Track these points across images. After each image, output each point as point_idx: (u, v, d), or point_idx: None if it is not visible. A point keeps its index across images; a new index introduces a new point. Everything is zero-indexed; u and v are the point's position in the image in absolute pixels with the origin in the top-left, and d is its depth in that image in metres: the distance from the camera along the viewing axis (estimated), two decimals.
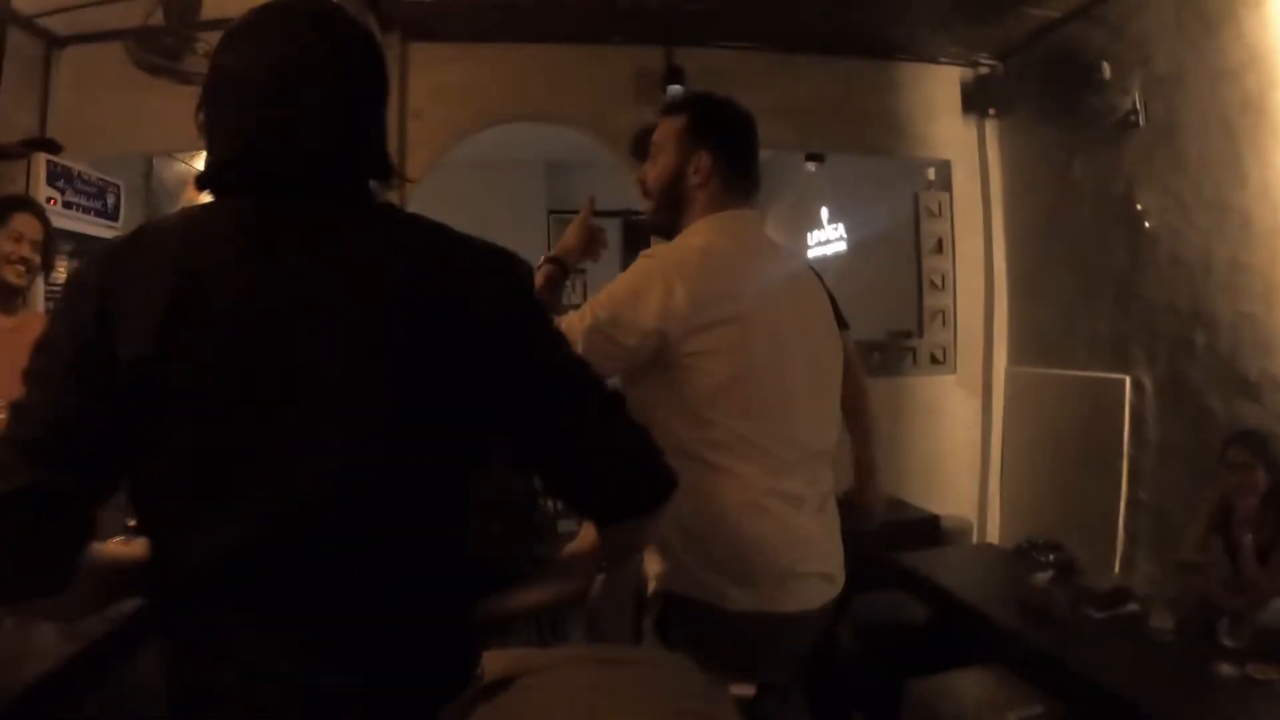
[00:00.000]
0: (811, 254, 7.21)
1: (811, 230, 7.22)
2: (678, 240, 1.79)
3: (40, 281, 2.93)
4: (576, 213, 1.92)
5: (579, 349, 1.54)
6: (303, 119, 0.99)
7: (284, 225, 0.97)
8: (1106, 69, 3.82)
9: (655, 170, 1.83)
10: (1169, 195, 3.74)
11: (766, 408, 1.66)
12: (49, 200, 3.52)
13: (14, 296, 2.68)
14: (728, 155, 1.79)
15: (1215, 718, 2.34)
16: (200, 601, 0.93)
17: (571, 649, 1.13)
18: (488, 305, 0.99)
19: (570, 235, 1.90)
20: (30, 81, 4.16)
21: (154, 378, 0.89)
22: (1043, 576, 3.03)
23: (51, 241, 2.77)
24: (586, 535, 1.23)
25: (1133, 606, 2.93)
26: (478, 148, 5.40)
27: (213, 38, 3.53)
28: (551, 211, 8.35)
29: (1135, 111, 3.82)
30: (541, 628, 2.88)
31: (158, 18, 3.62)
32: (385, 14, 4.38)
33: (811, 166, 6.79)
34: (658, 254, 1.72)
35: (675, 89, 4.72)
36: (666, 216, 1.84)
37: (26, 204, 2.83)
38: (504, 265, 1.05)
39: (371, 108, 1.06)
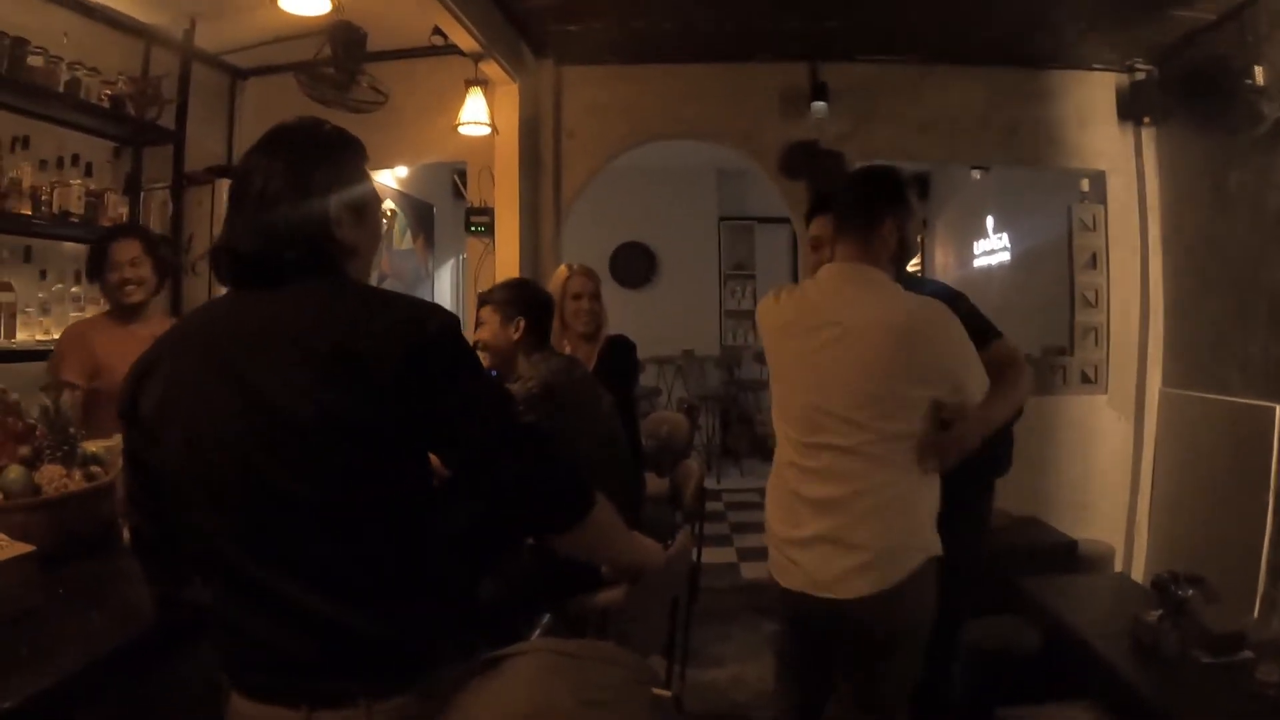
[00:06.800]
0: (977, 264, 7.03)
1: (977, 239, 7.03)
2: None
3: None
4: (746, 220, 2.28)
5: None
6: (240, 225, 1.29)
7: (229, 306, 1.31)
8: (1259, 74, 3.57)
9: None
10: None
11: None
12: None
13: (140, 310, 2.98)
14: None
15: None
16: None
17: (549, 641, 1.34)
18: (387, 353, 1.17)
19: None
20: (218, 112, 4.81)
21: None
22: (1154, 614, 2.92)
23: (157, 249, 3.02)
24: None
25: (1245, 654, 2.77)
26: (650, 156, 5.59)
27: (376, 70, 3.94)
28: (722, 218, 8.35)
29: None
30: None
31: (326, 54, 4.02)
32: (538, 40, 4.70)
33: (977, 174, 6.65)
34: None
35: (820, 105, 4.80)
36: None
37: (116, 232, 3.05)
38: (415, 319, 1.23)
39: (295, 211, 1.28)
